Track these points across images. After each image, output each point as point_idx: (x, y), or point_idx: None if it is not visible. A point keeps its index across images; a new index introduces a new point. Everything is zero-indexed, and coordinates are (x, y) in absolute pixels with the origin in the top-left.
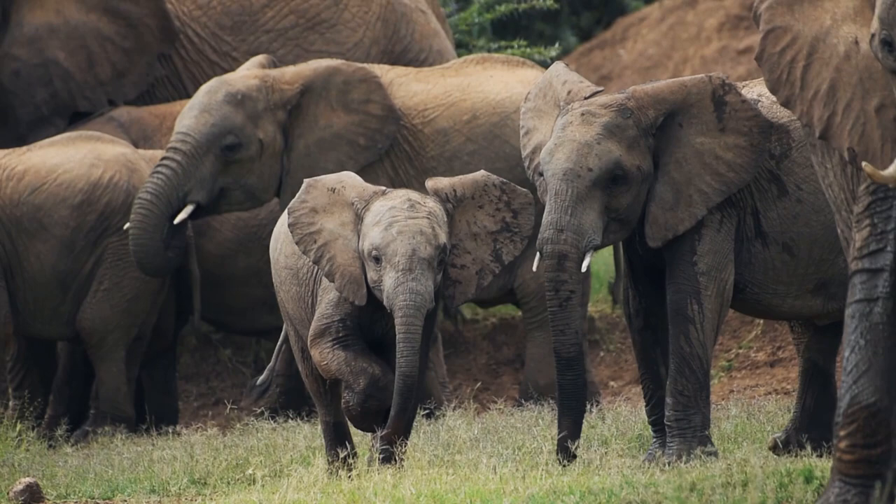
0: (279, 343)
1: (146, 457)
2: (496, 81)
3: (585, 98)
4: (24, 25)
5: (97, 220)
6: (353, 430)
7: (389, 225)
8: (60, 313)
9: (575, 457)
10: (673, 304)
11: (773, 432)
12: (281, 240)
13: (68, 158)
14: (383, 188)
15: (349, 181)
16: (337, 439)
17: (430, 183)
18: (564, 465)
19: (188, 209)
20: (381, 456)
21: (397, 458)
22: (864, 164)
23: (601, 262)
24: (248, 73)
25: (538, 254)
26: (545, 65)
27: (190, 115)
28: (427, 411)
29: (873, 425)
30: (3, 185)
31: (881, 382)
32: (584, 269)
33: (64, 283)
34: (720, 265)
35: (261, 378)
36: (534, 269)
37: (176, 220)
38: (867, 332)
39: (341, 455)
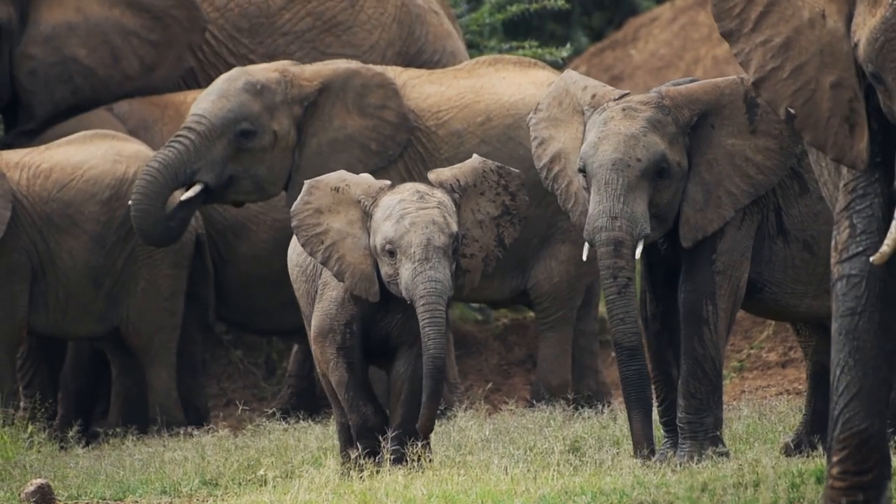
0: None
1: (157, 458)
2: (509, 83)
3: (615, 100)
4: (41, 24)
5: (126, 214)
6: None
7: (401, 217)
8: (92, 311)
9: (654, 452)
10: (687, 304)
11: (785, 432)
12: (294, 239)
13: (91, 155)
14: (388, 182)
15: (352, 179)
16: (351, 440)
17: (433, 175)
18: (645, 464)
19: (196, 188)
20: (392, 457)
21: (408, 458)
22: (871, 258)
23: None
24: (268, 66)
25: (586, 245)
26: (557, 65)
27: (207, 100)
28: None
29: (865, 452)
30: (30, 182)
31: (872, 404)
32: (637, 255)
33: (96, 279)
34: (736, 263)
35: None
36: (583, 258)
37: (183, 197)
38: (856, 352)
39: (352, 456)
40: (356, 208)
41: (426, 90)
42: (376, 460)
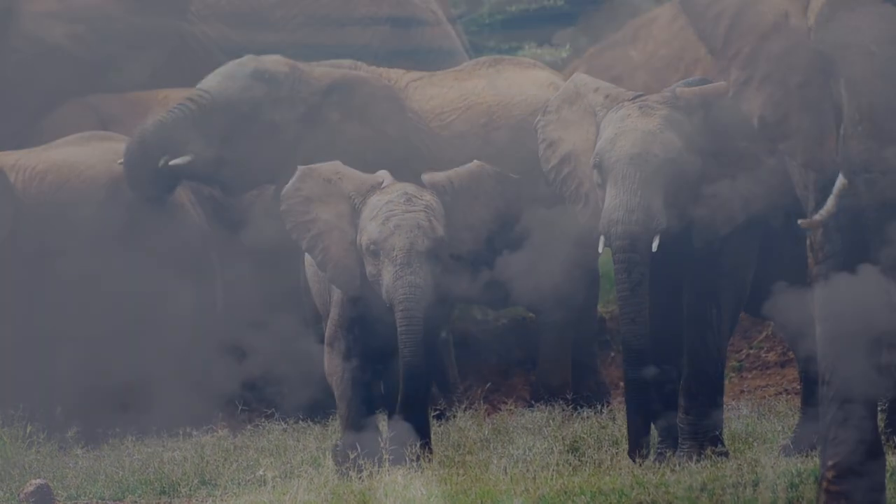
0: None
1: (156, 458)
2: (510, 84)
3: (630, 99)
4: (24, 16)
5: (124, 214)
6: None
7: (387, 219)
8: (96, 313)
9: (648, 454)
10: (691, 306)
11: (784, 432)
12: None
13: (89, 155)
14: (380, 181)
15: (345, 172)
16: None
17: (427, 176)
18: (640, 465)
19: (185, 157)
20: (390, 457)
21: (408, 458)
22: (799, 220)
23: (610, 263)
24: (280, 59)
25: (601, 237)
26: (556, 66)
27: (214, 79)
28: (437, 412)
29: (860, 455)
30: (27, 185)
31: (864, 407)
32: (654, 249)
33: (97, 280)
34: (741, 264)
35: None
36: (599, 251)
37: (171, 163)
38: (844, 355)
39: (351, 457)
40: (346, 203)
41: (428, 92)
42: (376, 460)
